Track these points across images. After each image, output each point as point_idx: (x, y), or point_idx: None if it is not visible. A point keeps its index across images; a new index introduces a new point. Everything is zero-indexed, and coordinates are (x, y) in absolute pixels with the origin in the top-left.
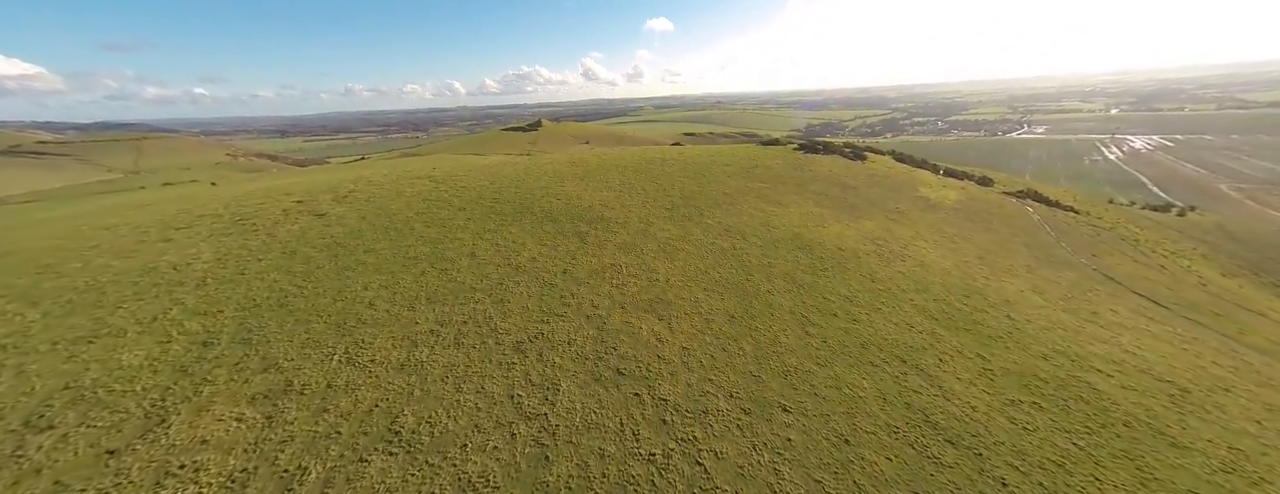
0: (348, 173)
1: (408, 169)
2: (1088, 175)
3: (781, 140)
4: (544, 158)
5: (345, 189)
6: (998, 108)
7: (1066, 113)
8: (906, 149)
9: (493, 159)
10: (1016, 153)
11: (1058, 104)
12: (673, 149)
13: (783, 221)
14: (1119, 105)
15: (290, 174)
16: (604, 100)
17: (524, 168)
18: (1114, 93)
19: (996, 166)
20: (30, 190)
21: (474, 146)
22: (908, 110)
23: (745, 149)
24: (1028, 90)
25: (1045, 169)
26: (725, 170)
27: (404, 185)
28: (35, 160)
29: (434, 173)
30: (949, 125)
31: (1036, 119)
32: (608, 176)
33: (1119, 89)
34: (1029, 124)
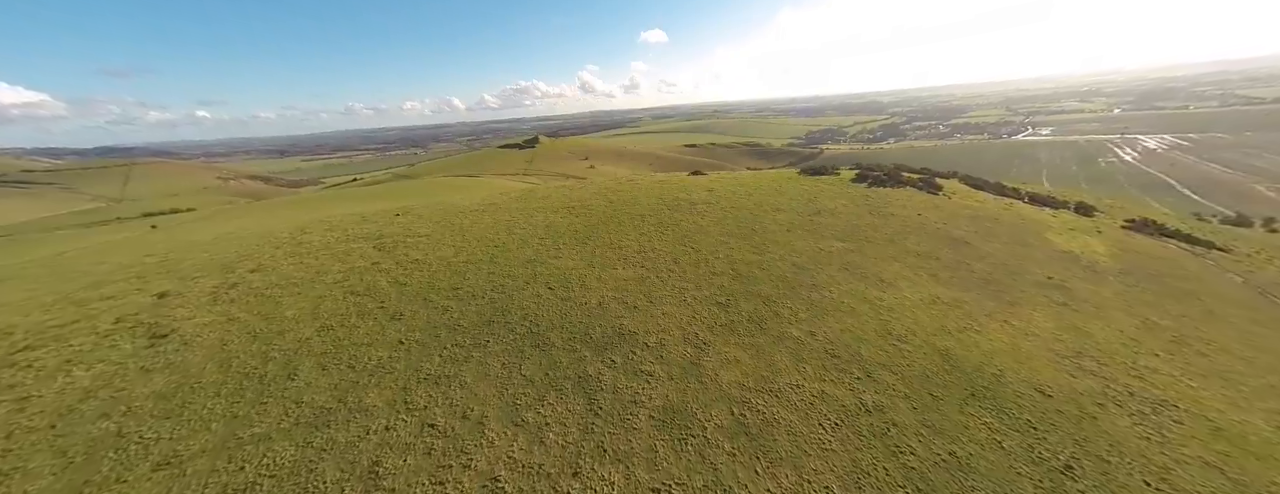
0: (290, 219)
1: (367, 216)
2: (1108, 178)
3: (832, 168)
4: (536, 195)
5: (257, 260)
6: (996, 110)
7: (1068, 114)
8: (911, 155)
9: (476, 194)
10: (1027, 156)
11: (1057, 105)
12: (698, 182)
13: (907, 323)
14: (1120, 105)
15: (247, 213)
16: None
17: (507, 221)
18: (1110, 93)
19: (1010, 170)
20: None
21: (468, 166)
22: (906, 115)
23: (791, 180)
24: (1022, 92)
25: (1061, 172)
26: (779, 218)
27: (338, 252)
28: (20, 189)
29: (391, 227)
30: (951, 129)
31: (1039, 121)
32: (621, 237)
33: (1114, 89)
34: (1033, 126)
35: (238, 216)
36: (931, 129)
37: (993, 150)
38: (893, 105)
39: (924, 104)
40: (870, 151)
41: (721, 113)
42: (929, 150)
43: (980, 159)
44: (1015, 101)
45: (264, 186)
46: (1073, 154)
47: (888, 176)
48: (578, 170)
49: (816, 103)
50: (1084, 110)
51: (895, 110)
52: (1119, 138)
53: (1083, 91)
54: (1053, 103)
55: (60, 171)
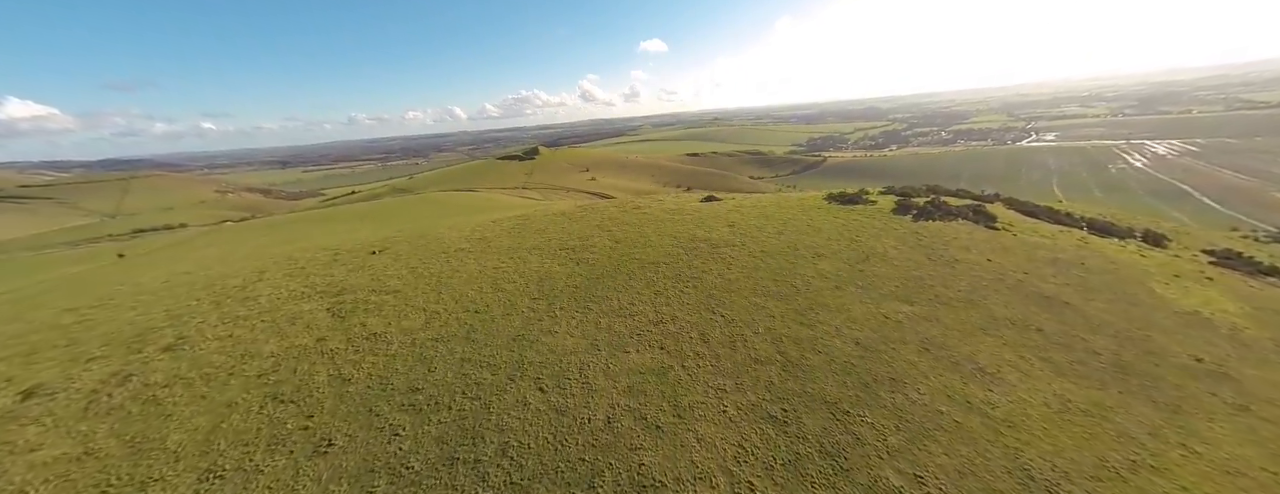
0: (259, 251)
1: (339, 254)
2: (1121, 186)
3: (869, 197)
4: (531, 228)
5: (183, 327)
6: (997, 116)
7: (1071, 119)
8: (914, 162)
9: (468, 222)
10: (1035, 163)
11: (1058, 110)
12: (716, 213)
13: (1047, 454)
14: (1121, 110)
15: (221, 240)
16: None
17: (494, 269)
18: (1111, 97)
19: (1018, 178)
20: None
21: (467, 179)
22: (906, 121)
23: (822, 211)
24: (1022, 97)
25: (1072, 179)
26: (821, 268)
27: (282, 318)
28: (16, 204)
29: (360, 273)
30: (953, 136)
31: (1043, 126)
32: (631, 296)
33: (1115, 93)
34: (1037, 132)
35: (208, 245)
36: (934, 135)
37: (999, 157)
38: (892, 112)
39: (924, 110)
40: (874, 159)
41: (722, 120)
42: (935, 157)
43: (988, 166)
44: (1016, 107)
45: (262, 199)
46: (1081, 160)
47: (934, 207)
48: (578, 183)
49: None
50: (1087, 115)
51: (895, 117)
52: (1126, 143)
53: (1083, 96)
54: (1054, 108)
55: (58, 186)
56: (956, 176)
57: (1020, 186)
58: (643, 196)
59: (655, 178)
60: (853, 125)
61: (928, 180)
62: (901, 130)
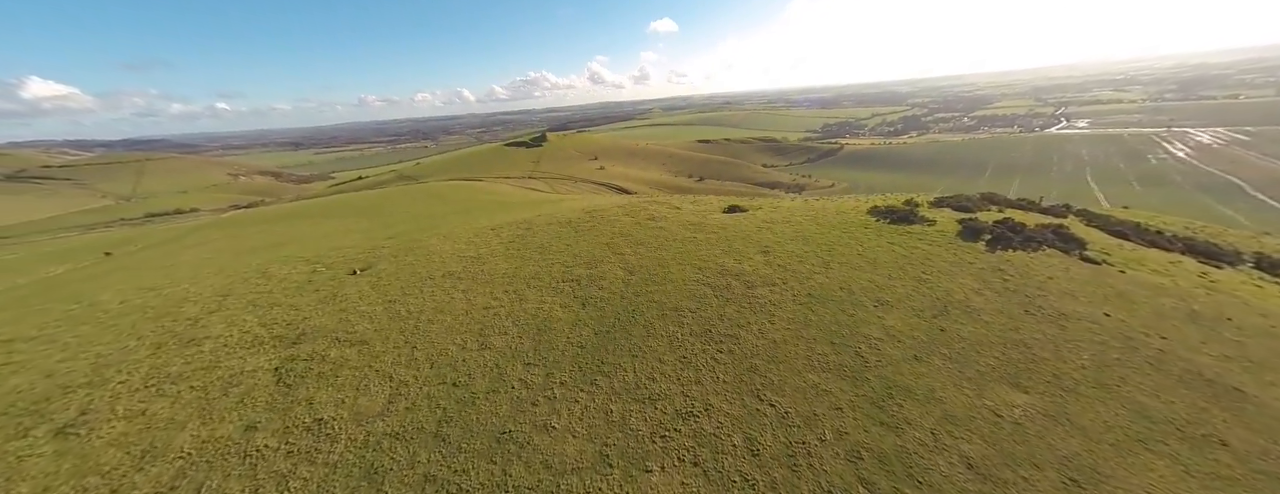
0: (237, 261)
1: (314, 273)
2: (1164, 178)
3: (922, 212)
4: (531, 244)
5: (93, 396)
6: (1024, 100)
7: (1104, 104)
8: (935, 150)
9: (468, 226)
10: (1066, 152)
11: (1090, 95)
12: (745, 231)
13: None
14: (1160, 95)
15: (209, 239)
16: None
17: (483, 310)
18: (1148, 81)
19: (1049, 168)
20: (7, 223)
21: (473, 167)
22: (927, 106)
23: (871, 232)
24: (1051, 81)
25: (1108, 170)
26: (890, 325)
27: (217, 383)
28: (36, 185)
29: (329, 308)
30: (977, 122)
31: (1074, 112)
32: (652, 368)
33: (1153, 76)
34: (1067, 118)
35: (199, 242)
36: (956, 121)
37: (1027, 145)
38: (911, 95)
39: (944, 94)
40: (893, 147)
41: (733, 104)
42: (957, 146)
43: (1016, 155)
44: (1044, 91)
45: (273, 183)
46: (1117, 150)
47: (1010, 231)
48: (587, 172)
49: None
50: (1122, 100)
51: (914, 101)
52: (1166, 131)
53: (1117, 80)
54: (1085, 92)
55: (77, 167)
56: (981, 166)
57: (1050, 178)
58: (656, 203)
59: (665, 166)
60: (870, 110)
61: (951, 171)
62: (921, 116)
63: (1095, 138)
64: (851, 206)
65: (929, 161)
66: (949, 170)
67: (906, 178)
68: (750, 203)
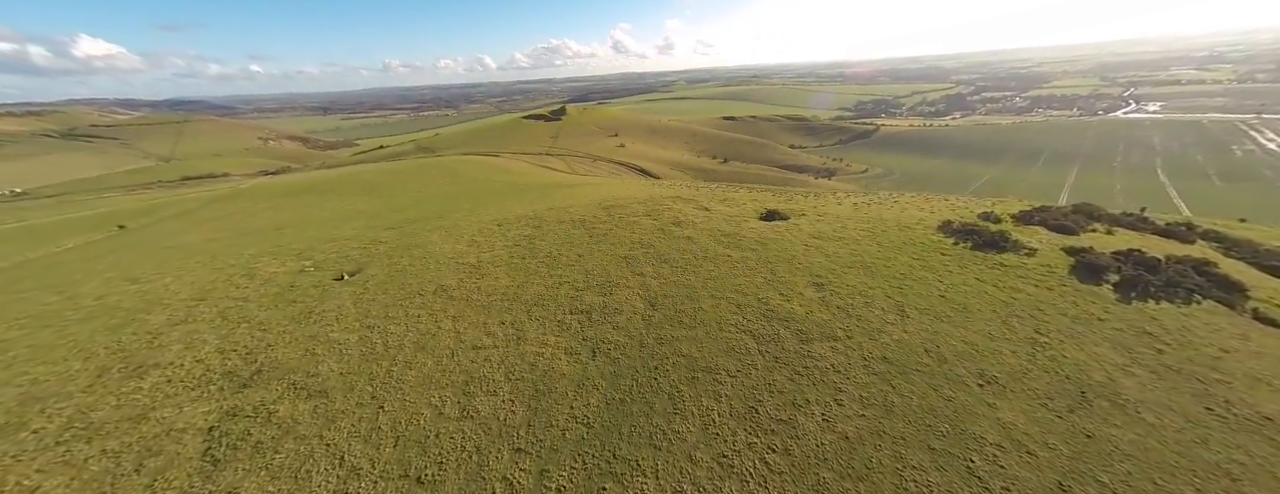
0: (224, 253)
1: (297, 275)
2: (1252, 174)
3: (1012, 233)
4: (538, 251)
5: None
6: (1087, 79)
7: (1181, 85)
8: (981, 133)
9: (481, 218)
10: (1134, 139)
11: (1167, 73)
12: (790, 248)
13: None
14: (1251, 75)
15: (217, 216)
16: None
17: (468, 367)
18: (1237, 58)
19: (1113, 158)
20: (60, 181)
21: (492, 141)
22: (973, 83)
23: (949, 261)
24: (1119, 57)
25: (1182, 162)
26: (1003, 418)
27: (133, 451)
28: (86, 143)
29: (298, 334)
30: (1030, 102)
31: (1145, 94)
32: (677, 470)
33: (1244, 53)
34: (1136, 100)
35: (213, 217)
36: (1006, 102)
37: (1087, 131)
38: (957, 72)
39: (994, 71)
40: (934, 129)
41: (761, 77)
42: (1007, 129)
43: (1074, 142)
44: (1112, 69)
45: (300, 148)
46: (1195, 139)
47: (1145, 270)
48: (606, 150)
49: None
50: (1205, 81)
51: (960, 78)
52: (1256, 118)
53: (1199, 57)
54: (1160, 70)
55: (122, 127)
56: (1034, 153)
57: (1113, 170)
58: (681, 201)
59: (688, 145)
60: (909, 87)
61: (999, 158)
62: (967, 94)
63: (1169, 124)
64: (916, 218)
65: (974, 147)
66: (996, 157)
67: (948, 164)
68: (790, 204)
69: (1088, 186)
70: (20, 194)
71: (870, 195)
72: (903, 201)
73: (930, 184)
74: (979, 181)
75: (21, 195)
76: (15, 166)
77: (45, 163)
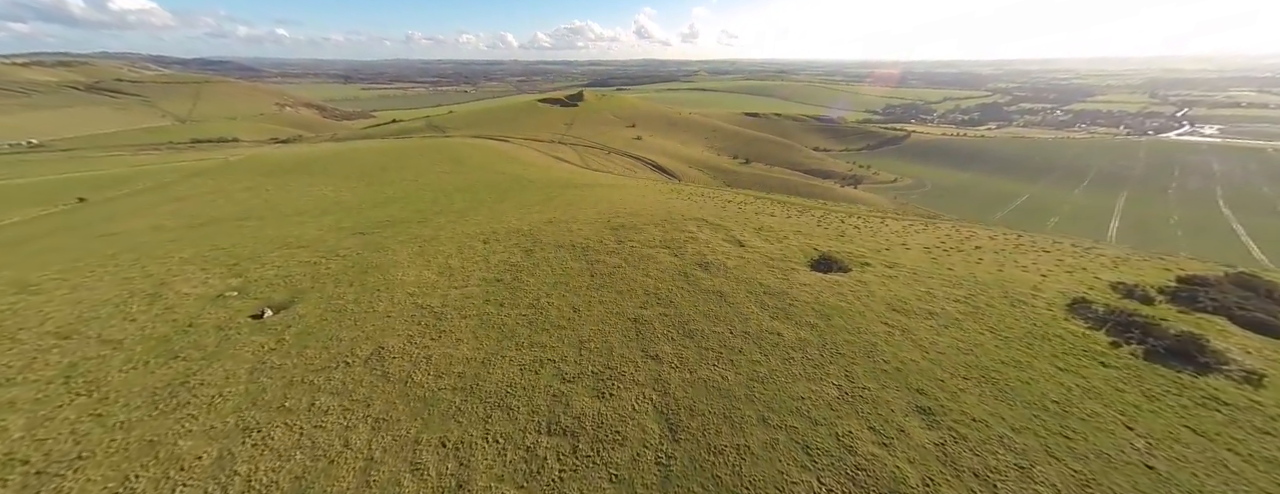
0: (114, 289)
1: (213, 305)
2: None
3: (1205, 337)
4: (523, 296)
5: None
6: (1136, 96)
7: (1241, 108)
8: (1019, 148)
9: (463, 230)
10: (1190, 165)
11: (1224, 94)
12: (866, 328)
13: None
14: None
15: (189, 192)
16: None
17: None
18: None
19: (1167, 183)
20: (77, 135)
21: (504, 124)
22: (1010, 92)
23: (1132, 375)
24: (1172, 73)
25: (1246, 192)
26: None
27: None
28: (111, 98)
29: (239, 390)
30: (1072, 116)
31: (1200, 115)
32: None
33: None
34: (1191, 121)
35: (178, 198)
36: (1046, 114)
37: (1137, 152)
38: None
39: (1033, 80)
40: (969, 140)
41: (787, 73)
42: (1048, 145)
43: (1123, 163)
44: (1162, 85)
45: (315, 117)
46: (1260, 167)
47: None
48: (623, 142)
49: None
50: (1268, 105)
51: (996, 86)
52: None
53: (1261, 79)
54: (1218, 90)
55: (144, 84)
56: (1078, 173)
57: (1168, 197)
58: (709, 227)
59: (709, 142)
60: (941, 93)
61: (1039, 175)
62: (1003, 104)
63: (1230, 150)
64: (1023, 281)
65: (1012, 161)
66: (1036, 174)
67: (983, 178)
68: (845, 243)
69: (1140, 215)
70: (36, 145)
71: (937, 229)
72: (990, 247)
73: (965, 198)
74: (1018, 200)
75: (37, 147)
76: (38, 117)
77: (66, 115)
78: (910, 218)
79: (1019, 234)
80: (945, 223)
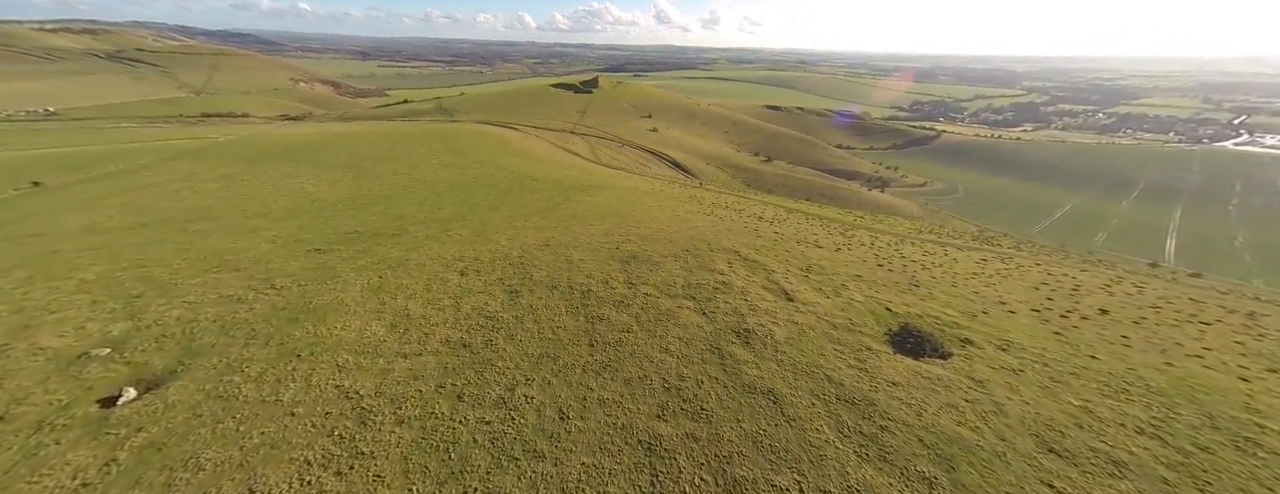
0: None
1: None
2: None
3: None
4: (505, 357)
5: None
6: (1186, 100)
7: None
8: (1060, 153)
9: (444, 256)
10: (1253, 178)
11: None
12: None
13: None
14: None
15: (155, 179)
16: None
17: None
18: None
19: (1228, 198)
20: (93, 104)
21: (514, 109)
22: (1047, 92)
23: None
24: (1229, 76)
25: None
26: None
27: None
28: (130, 67)
29: None
30: (1116, 120)
31: (1260, 123)
32: None
33: None
34: (1249, 130)
35: (132, 189)
36: (1086, 117)
37: (1191, 162)
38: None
39: (1073, 79)
40: (1004, 142)
41: (809, 65)
42: (1091, 150)
43: (1176, 173)
44: (1216, 90)
45: (330, 94)
46: None
47: None
48: (637, 134)
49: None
50: None
51: (1032, 84)
52: None
53: None
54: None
55: (163, 54)
56: (1127, 183)
57: (1228, 212)
58: (745, 264)
59: (728, 137)
60: (973, 90)
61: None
62: (1041, 104)
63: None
64: (1222, 385)
65: (1051, 167)
66: (1080, 182)
67: (1020, 185)
68: (925, 302)
69: (1199, 233)
70: (51, 113)
71: (1024, 271)
72: (1115, 306)
73: (1001, 207)
74: (1060, 211)
75: (52, 115)
76: (57, 85)
77: (85, 83)
78: (978, 246)
79: (1139, 285)
80: (1024, 256)
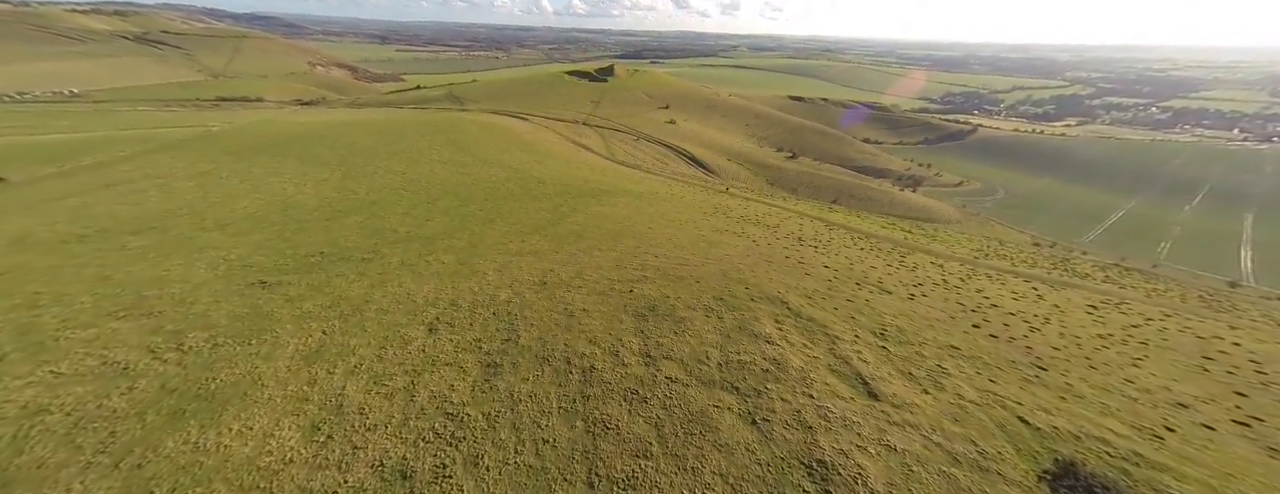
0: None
1: None
2: None
3: None
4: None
5: None
6: (1252, 93)
7: None
8: (1110, 151)
9: (416, 299)
10: None
11: None
12: None
13: None
14: None
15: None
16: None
17: None
18: None
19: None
20: (115, 86)
21: (526, 98)
22: (1093, 84)
23: None
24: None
25: None
26: None
27: None
28: (153, 49)
29: None
30: (1171, 116)
31: None
32: None
33: None
34: None
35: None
36: (1138, 111)
37: (1264, 163)
38: (1073, 67)
39: (1122, 70)
40: (1047, 139)
41: (834, 52)
42: (1147, 148)
43: (1248, 177)
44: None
45: (346, 78)
46: None
47: None
48: (653, 126)
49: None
50: None
51: (1075, 75)
52: None
53: None
54: None
55: (188, 37)
56: (1189, 186)
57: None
58: (796, 320)
59: (750, 130)
60: (1010, 81)
61: (1139, 187)
62: (1085, 96)
63: None
64: None
65: (1100, 167)
66: (1134, 185)
67: (1065, 186)
68: (1069, 402)
69: (1277, 245)
70: (75, 95)
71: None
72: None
73: (1046, 211)
74: (1113, 216)
75: (75, 97)
76: (83, 66)
77: (109, 65)
78: (1068, 279)
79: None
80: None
